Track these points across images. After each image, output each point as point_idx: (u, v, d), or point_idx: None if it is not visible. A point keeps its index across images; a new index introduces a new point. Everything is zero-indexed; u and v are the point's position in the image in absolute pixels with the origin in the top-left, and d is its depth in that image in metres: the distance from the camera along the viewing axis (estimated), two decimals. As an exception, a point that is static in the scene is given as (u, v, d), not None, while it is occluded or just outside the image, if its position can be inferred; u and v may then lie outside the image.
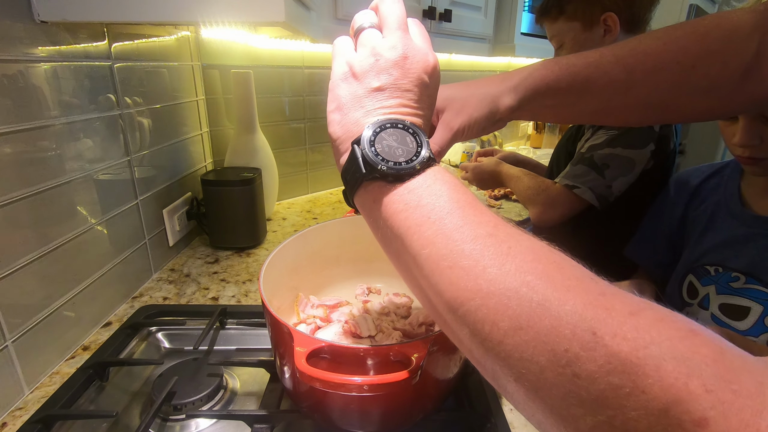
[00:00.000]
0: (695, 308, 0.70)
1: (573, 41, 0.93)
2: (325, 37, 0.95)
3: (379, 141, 0.29)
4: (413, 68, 0.32)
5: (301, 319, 0.58)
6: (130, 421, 0.52)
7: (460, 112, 0.44)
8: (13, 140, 0.50)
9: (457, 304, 0.24)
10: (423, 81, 0.33)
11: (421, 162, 0.29)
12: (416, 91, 0.32)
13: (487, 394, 0.52)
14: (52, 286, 0.57)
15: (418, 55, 0.33)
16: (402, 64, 0.32)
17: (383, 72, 0.32)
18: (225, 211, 0.92)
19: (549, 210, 0.89)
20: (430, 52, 0.34)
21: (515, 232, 0.26)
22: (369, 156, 0.29)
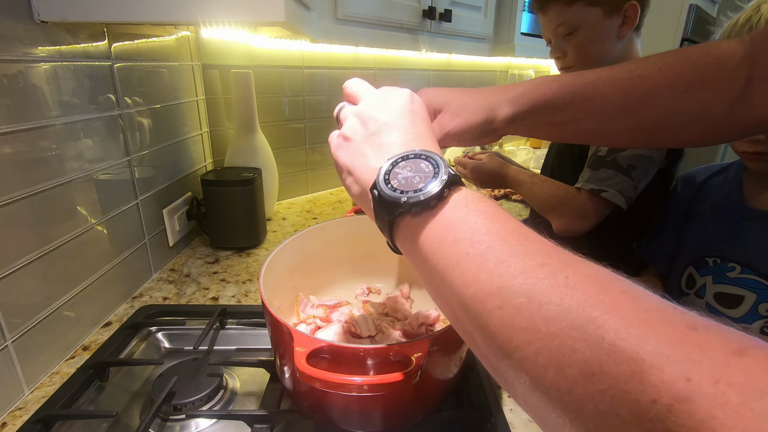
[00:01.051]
0: (692, 298, 0.72)
1: (590, 29, 0.85)
2: (325, 37, 0.95)
3: (393, 177, 0.29)
4: (394, 103, 0.34)
5: (301, 319, 0.58)
6: (130, 421, 0.52)
7: (456, 115, 0.44)
8: (13, 140, 0.50)
9: (512, 349, 0.21)
10: (408, 109, 0.33)
11: (442, 182, 0.27)
12: (408, 119, 0.33)
13: (487, 394, 0.52)
14: (52, 286, 0.57)
15: (392, 93, 0.34)
16: (382, 106, 0.33)
17: (370, 120, 0.33)
18: (225, 211, 0.92)
19: (579, 220, 0.83)
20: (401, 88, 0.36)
21: (571, 258, 0.23)
22: (387, 194, 0.28)
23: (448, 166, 0.29)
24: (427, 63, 1.64)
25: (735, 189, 0.71)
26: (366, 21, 1.04)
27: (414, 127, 0.33)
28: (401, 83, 1.31)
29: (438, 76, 1.72)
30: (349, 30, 1.01)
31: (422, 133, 0.33)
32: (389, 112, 0.33)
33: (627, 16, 0.85)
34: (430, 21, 1.21)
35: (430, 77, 1.69)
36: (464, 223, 0.26)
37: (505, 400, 0.54)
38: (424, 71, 1.65)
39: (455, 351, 0.45)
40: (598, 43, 0.86)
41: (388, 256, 0.68)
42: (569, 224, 0.84)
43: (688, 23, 2.08)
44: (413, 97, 0.35)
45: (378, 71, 1.47)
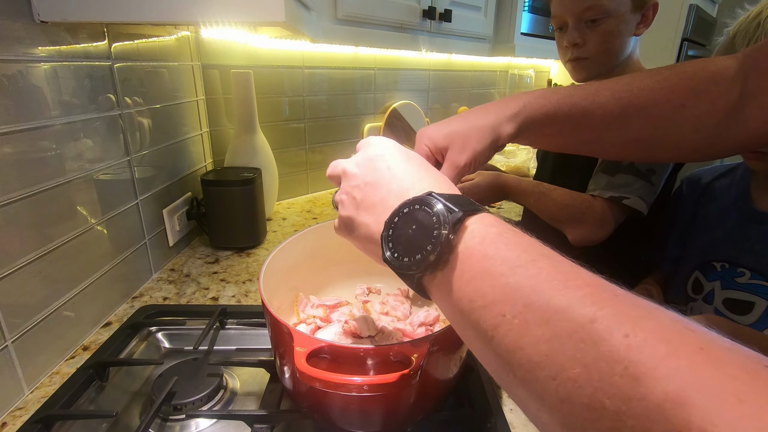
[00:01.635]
0: (699, 303, 0.71)
1: (619, 19, 0.80)
2: (325, 37, 0.95)
3: (396, 242, 0.28)
4: (366, 161, 0.34)
5: (301, 319, 0.58)
6: (130, 421, 0.52)
7: (464, 147, 0.44)
8: (13, 140, 0.50)
9: (579, 427, 0.18)
10: (381, 155, 0.34)
11: (445, 229, 0.25)
12: (385, 167, 0.33)
13: (487, 394, 0.52)
14: (52, 286, 0.57)
15: (363, 153, 0.35)
16: (359, 170, 0.34)
17: (354, 190, 0.34)
18: (225, 211, 0.92)
19: (598, 230, 0.78)
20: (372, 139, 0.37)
21: (624, 302, 0.19)
22: (397, 264, 0.27)
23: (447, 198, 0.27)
24: (427, 63, 1.64)
25: (742, 191, 0.70)
26: (366, 21, 1.04)
27: (395, 170, 0.32)
28: (401, 83, 1.32)
29: (438, 76, 1.72)
30: (349, 30, 1.01)
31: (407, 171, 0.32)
32: (367, 172, 0.33)
33: (645, 15, 0.82)
34: (430, 21, 1.21)
35: (430, 77, 1.69)
36: (488, 275, 0.23)
37: (504, 400, 0.54)
38: (424, 71, 1.65)
39: (455, 351, 0.45)
40: (621, 36, 0.81)
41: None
42: (588, 234, 0.79)
43: (688, 23, 2.08)
44: (379, 141, 0.36)
45: (378, 71, 1.47)
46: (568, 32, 0.83)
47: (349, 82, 1.38)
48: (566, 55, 0.86)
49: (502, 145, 0.46)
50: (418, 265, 0.26)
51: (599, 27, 0.80)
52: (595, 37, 0.81)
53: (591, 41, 0.81)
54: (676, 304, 0.75)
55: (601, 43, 0.81)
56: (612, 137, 0.46)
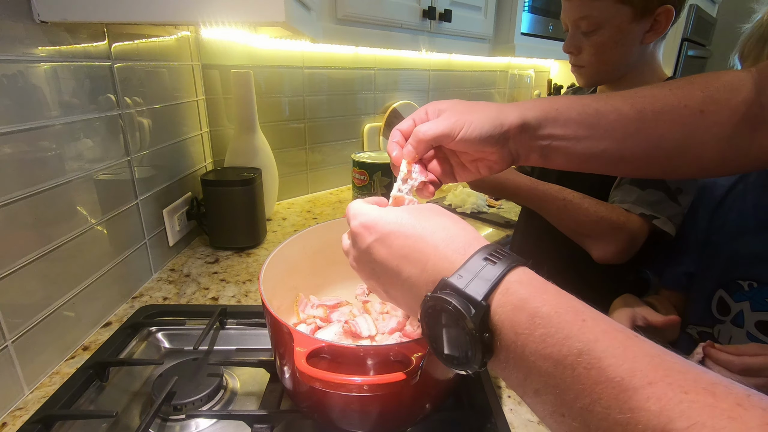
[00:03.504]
0: (728, 326, 0.66)
1: (614, 30, 0.75)
2: (325, 37, 0.95)
3: (436, 341, 0.28)
4: (360, 244, 0.34)
5: (301, 319, 0.58)
6: (130, 421, 0.52)
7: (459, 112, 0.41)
8: (13, 140, 0.50)
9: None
10: (372, 241, 0.33)
11: (473, 332, 0.25)
12: (380, 253, 0.32)
13: (487, 394, 0.52)
14: (52, 286, 0.57)
15: (352, 224, 0.35)
16: (358, 257, 0.35)
17: (361, 273, 0.35)
18: (225, 211, 0.92)
19: (630, 248, 0.70)
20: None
21: (710, 403, 0.17)
22: (450, 364, 0.28)
23: (464, 282, 0.26)
24: (427, 63, 1.64)
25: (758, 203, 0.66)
26: (366, 21, 1.04)
27: (390, 264, 0.32)
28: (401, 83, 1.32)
29: (438, 76, 1.72)
30: (349, 30, 1.01)
31: (405, 258, 0.31)
32: (371, 274, 0.34)
33: (657, 21, 0.75)
34: (430, 21, 1.21)
35: (430, 77, 1.69)
36: (535, 374, 0.23)
37: (504, 400, 0.54)
38: (424, 71, 1.65)
39: (455, 351, 0.45)
40: (619, 46, 0.77)
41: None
42: (619, 253, 0.70)
43: (688, 23, 2.08)
44: (370, 220, 0.34)
45: (378, 71, 1.47)
46: (566, 39, 0.82)
47: (349, 82, 1.38)
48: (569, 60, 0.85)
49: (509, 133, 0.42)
50: (468, 365, 0.26)
51: (592, 38, 0.77)
52: (588, 48, 0.78)
53: (585, 51, 0.79)
54: (701, 326, 0.70)
55: (594, 54, 0.78)
56: (631, 146, 0.43)
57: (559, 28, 1.76)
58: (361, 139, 1.50)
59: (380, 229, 0.32)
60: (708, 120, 0.41)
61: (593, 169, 0.45)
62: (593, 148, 0.43)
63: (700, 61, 2.51)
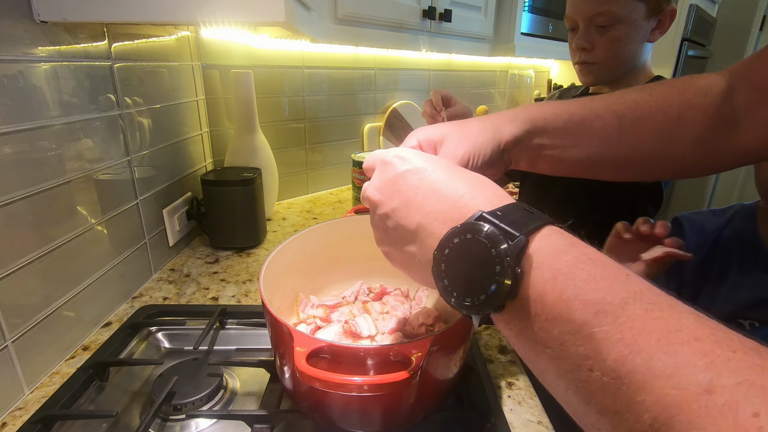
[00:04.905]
0: None
1: (631, 25, 0.77)
2: (325, 37, 0.95)
3: (452, 279, 0.25)
4: (388, 172, 0.31)
5: (301, 319, 0.58)
6: (130, 421, 0.52)
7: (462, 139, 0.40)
8: (13, 140, 0.50)
9: None
10: (406, 164, 0.31)
11: (508, 260, 0.22)
12: (415, 185, 0.29)
13: (487, 394, 0.52)
14: (52, 286, 0.57)
15: (375, 162, 0.33)
16: (381, 184, 0.31)
17: (387, 220, 0.30)
18: (225, 211, 0.92)
19: None
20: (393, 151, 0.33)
21: (758, 364, 0.16)
22: (459, 307, 0.25)
23: (501, 218, 0.24)
24: (427, 63, 1.64)
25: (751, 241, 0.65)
26: (366, 21, 1.04)
27: (424, 186, 0.29)
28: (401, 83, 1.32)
29: (438, 76, 1.72)
30: (349, 30, 1.01)
31: (440, 183, 0.28)
32: (392, 196, 0.30)
33: (662, 20, 0.79)
34: (430, 21, 1.21)
35: (430, 77, 1.69)
36: (567, 323, 0.20)
37: (504, 400, 0.54)
38: (424, 71, 1.65)
39: (455, 351, 0.45)
40: (632, 42, 0.79)
41: (388, 256, 0.68)
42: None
43: (688, 23, 2.08)
44: (392, 155, 0.32)
45: (378, 71, 1.47)
46: (578, 35, 0.81)
47: (349, 82, 1.38)
48: (575, 57, 0.85)
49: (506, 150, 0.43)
50: (483, 306, 0.23)
51: (609, 33, 0.78)
52: (603, 43, 0.79)
53: (599, 47, 0.79)
54: None
55: (610, 50, 0.79)
56: (613, 152, 0.45)
57: (559, 29, 1.77)
58: (361, 139, 1.50)
59: (415, 161, 0.31)
60: (684, 125, 0.43)
61: (577, 174, 0.47)
62: (578, 154, 0.45)
63: (700, 61, 2.51)
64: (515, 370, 0.59)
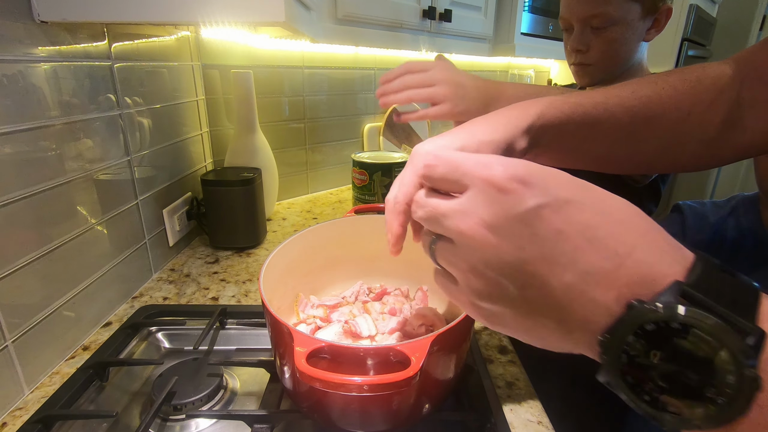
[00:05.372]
0: None
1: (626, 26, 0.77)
2: (325, 37, 0.95)
3: (639, 374, 0.19)
4: (521, 204, 0.20)
5: (301, 319, 0.58)
6: (130, 421, 0.52)
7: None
8: (13, 140, 0.50)
9: None
10: (549, 196, 0.21)
11: (746, 367, 0.17)
12: (565, 214, 0.20)
13: (487, 394, 0.52)
14: (52, 286, 0.57)
15: (485, 179, 0.21)
16: (502, 222, 0.21)
17: (492, 251, 0.21)
18: (225, 211, 0.92)
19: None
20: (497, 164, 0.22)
21: None
22: (652, 414, 0.19)
23: (716, 297, 0.18)
24: (427, 63, 1.64)
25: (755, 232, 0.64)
26: (366, 21, 1.04)
27: (579, 234, 0.20)
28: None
29: (438, 76, 1.72)
30: (349, 30, 1.01)
31: (596, 223, 0.20)
32: (522, 242, 0.20)
33: (658, 20, 0.79)
34: (430, 21, 1.21)
35: (430, 77, 1.68)
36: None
37: (504, 400, 0.54)
38: (424, 71, 1.65)
39: (455, 351, 0.45)
40: (628, 43, 0.79)
41: (388, 256, 0.68)
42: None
43: (688, 23, 2.08)
44: (524, 172, 0.21)
45: (378, 71, 1.47)
46: (573, 37, 0.81)
47: (349, 82, 1.38)
48: (570, 59, 0.85)
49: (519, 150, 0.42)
50: (703, 423, 0.18)
51: (604, 34, 0.77)
52: (599, 45, 0.79)
53: (595, 48, 0.79)
54: None
55: (605, 51, 0.79)
56: (622, 149, 0.44)
57: (559, 29, 1.77)
58: (361, 139, 1.50)
59: (554, 191, 0.21)
60: (693, 121, 0.42)
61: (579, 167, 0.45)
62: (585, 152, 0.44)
63: (700, 61, 2.51)
64: (515, 370, 0.59)
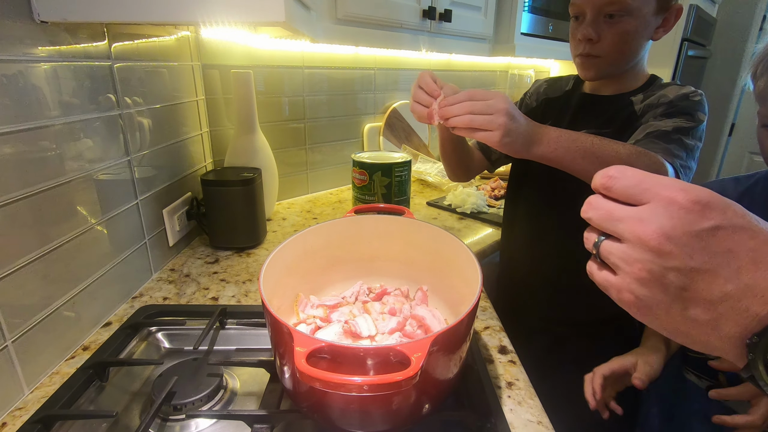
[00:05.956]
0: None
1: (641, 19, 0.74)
2: (325, 37, 0.95)
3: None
4: (701, 224, 0.24)
5: (301, 319, 0.58)
6: (130, 421, 0.52)
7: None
8: (13, 140, 0.50)
9: None
10: (727, 220, 0.24)
11: None
12: (737, 236, 0.24)
13: (487, 394, 0.52)
14: (52, 286, 0.57)
15: (670, 196, 0.25)
16: (681, 236, 0.24)
17: (668, 259, 0.24)
18: (225, 211, 0.92)
19: None
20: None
21: None
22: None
23: None
24: (427, 63, 1.64)
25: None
26: (366, 21, 1.04)
27: (744, 257, 0.24)
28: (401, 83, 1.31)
29: (438, 76, 1.72)
30: (349, 30, 1.01)
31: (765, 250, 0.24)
32: (695, 254, 0.24)
33: (667, 18, 0.76)
34: (430, 21, 1.21)
35: (430, 77, 1.68)
36: None
37: (504, 400, 0.54)
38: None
39: (455, 351, 0.45)
40: (639, 38, 0.76)
41: (388, 256, 0.68)
42: None
43: (688, 23, 2.08)
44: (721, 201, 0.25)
45: (378, 71, 1.47)
46: (584, 25, 0.77)
47: (349, 82, 1.38)
48: (577, 49, 0.80)
49: None
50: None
51: (618, 25, 0.74)
52: (611, 35, 0.75)
53: (606, 39, 0.75)
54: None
55: (617, 43, 0.75)
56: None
57: (559, 29, 1.77)
58: (361, 139, 1.50)
59: (731, 217, 0.24)
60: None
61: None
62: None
63: (700, 61, 2.51)
64: (515, 370, 0.59)
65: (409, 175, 1.12)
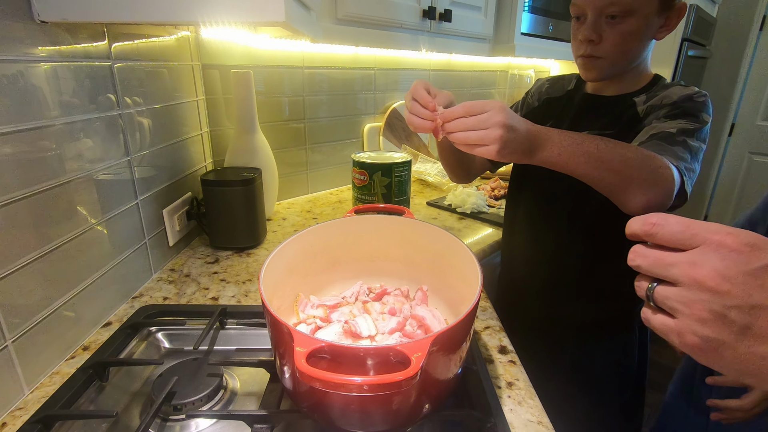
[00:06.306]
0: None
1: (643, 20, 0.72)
2: (325, 37, 0.95)
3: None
4: (752, 263, 0.25)
5: (301, 319, 0.58)
6: (130, 421, 0.52)
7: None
8: (13, 140, 0.50)
9: None
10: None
11: None
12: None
13: (487, 394, 0.52)
14: (52, 286, 0.57)
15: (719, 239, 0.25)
16: (736, 274, 0.25)
17: (726, 298, 0.25)
18: (225, 211, 0.92)
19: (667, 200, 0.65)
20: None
21: None
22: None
23: None
24: (427, 63, 1.64)
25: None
26: (366, 21, 1.04)
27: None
28: (401, 83, 1.31)
29: (438, 76, 1.72)
30: (349, 30, 1.01)
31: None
32: (753, 291, 0.25)
33: (670, 17, 0.75)
34: (430, 21, 1.21)
35: (430, 77, 1.68)
36: None
37: (504, 400, 0.54)
38: (424, 71, 1.65)
39: (455, 351, 0.45)
40: (641, 39, 0.75)
41: (388, 256, 0.68)
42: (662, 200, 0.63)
43: (688, 23, 2.08)
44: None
45: (378, 71, 1.47)
46: (585, 26, 0.76)
47: (349, 82, 1.38)
48: (579, 50, 0.79)
49: None
50: None
51: (619, 25, 0.73)
52: (612, 36, 0.74)
53: (608, 40, 0.74)
54: None
55: (619, 44, 0.74)
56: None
57: (559, 29, 1.77)
58: (361, 139, 1.50)
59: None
60: None
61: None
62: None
63: (700, 61, 2.51)
64: (515, 370, 0.59)
65: (409, 175, 1.12)
